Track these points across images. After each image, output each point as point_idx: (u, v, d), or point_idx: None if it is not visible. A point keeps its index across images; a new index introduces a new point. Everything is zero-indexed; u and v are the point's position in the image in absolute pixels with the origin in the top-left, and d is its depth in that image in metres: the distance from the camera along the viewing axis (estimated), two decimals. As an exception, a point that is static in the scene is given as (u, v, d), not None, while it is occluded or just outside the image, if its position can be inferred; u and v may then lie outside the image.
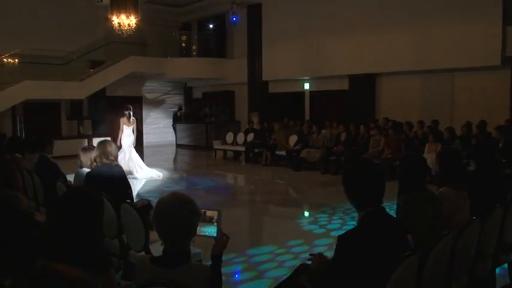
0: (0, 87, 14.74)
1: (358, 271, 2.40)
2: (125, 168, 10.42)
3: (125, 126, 11.62)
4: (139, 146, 19.01)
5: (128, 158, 11.48)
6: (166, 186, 10.66)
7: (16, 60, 15.63)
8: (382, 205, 2.59)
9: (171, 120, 20.59)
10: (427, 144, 10.16)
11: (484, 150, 4.49)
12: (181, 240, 2.23)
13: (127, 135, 11.62)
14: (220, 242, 2.48)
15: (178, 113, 20.18)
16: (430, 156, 7.99)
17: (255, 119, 15.69)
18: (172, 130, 20.38)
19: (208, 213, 2.55)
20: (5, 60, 15.48)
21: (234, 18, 17.58)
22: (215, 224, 2.52)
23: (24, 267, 2.58)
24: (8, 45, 14.97)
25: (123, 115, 11.70)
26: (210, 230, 2.52)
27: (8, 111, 15.52)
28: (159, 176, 11.62)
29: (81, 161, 5.46)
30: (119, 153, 8.54)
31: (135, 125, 11.81)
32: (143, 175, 11.53)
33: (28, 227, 3.26)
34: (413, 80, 13.48)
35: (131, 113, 11.70)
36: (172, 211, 2.19)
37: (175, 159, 16.93)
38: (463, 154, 5.31)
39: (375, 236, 2.48)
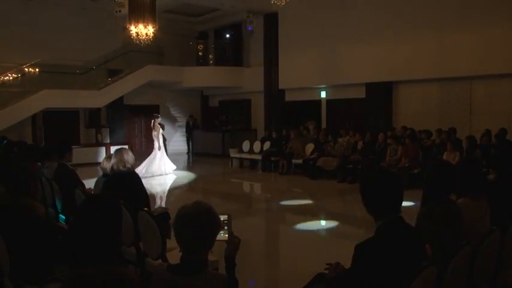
0: (21, 96, 15.05)
1: (376, 281, 2.38)
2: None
3: (153, 132, 13.48)
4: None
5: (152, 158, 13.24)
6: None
7: (36, 69, 15.94)
8: (400, 214, 2.57)
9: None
10: (445, 153, 10.02)
11: (504, 159, 4.41)
12: (200, 249, 2.23)
13: (155, 140, 13.43)
14: (233, 245, 2.49)
15: (191, 122, 20.24)
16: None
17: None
18: (185, 139, 20.49)
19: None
20: (26, 69, 15.79)
21: (249, 28, 17.74)
22: (226, 227, 2.54)
23: (43, 272, 2.61)
24: (29, 55, 15.31)
25: None
26: (221, 234, 2.53)
27: (28, 119, 15.82)
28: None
29: (104, 169, 5.54)
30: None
31: (158, 131, 13.38)
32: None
33: (45, 234, 3.31)
34: (431, 87, 13.34)
35: (153, 120, 13.53)
36: (193, 220, 2.20)
37: (192, 167, 16.97)
38: (483, 163, 5.23)
39: (392, 246, 2.45)
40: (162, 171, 13.16)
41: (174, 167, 13.68)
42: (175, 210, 2.29)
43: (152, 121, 13.60)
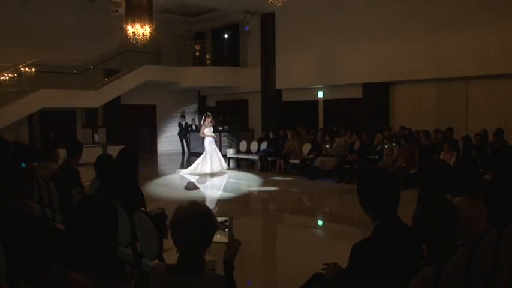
0: (17, 96, 15.02)
1: (373, 281, 2.38)
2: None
3: (204, 130, 13.35)
4: (153, 154, 19.20)
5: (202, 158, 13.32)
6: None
7: (33, 69, 15.90)
8: (397, 214, 2.57)
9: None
10: (441, 153, 10.05)
11: (501, 159, 4.42)
12: (197, 250, 2.23)
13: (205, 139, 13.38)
14: (232, 247, 2.48)
15: (183, 123, 20.15)
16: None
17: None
18: (179, 139, 20.25)
19: (220, 219, 2.56)
20: (22, 69, 15.74)
21: (246, 29, 17.76)
22: (226, 230, 2.53)
23: (40, 273, 2.60)
24: (25, 54, 15.28)
25: None
26: (218, 236, 2.52)
27: (25, 119, 15.78)
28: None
29: (98, 169, 5.50)
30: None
31: (204, 129, 13.24)
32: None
33: (41, 234, 3.30)
34: (427, 88, 13.37)
35: (204, 118, 13.43)
36: (190, 220, 2.19)
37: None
38: (479, 163, 5.23)
39: (389, 246, 2.45)
40: (205, 170, 13.18)
41: (219, 167, 13.51)
42: (172, 210, 2.29)
43: (203, 118, 13.50)
